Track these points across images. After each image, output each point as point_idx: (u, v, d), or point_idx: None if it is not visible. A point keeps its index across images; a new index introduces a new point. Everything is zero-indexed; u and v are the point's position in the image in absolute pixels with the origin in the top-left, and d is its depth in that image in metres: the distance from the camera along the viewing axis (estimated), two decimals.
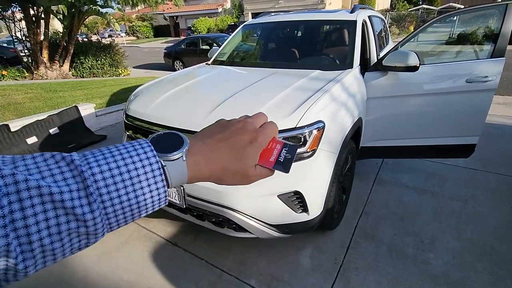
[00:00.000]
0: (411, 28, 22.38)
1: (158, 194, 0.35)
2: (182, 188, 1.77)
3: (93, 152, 0.34)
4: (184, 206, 1.83)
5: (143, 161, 0.34)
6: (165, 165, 0.36)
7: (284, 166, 0.43)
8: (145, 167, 0.34)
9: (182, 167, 0.37)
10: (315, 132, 1.66)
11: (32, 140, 3.70)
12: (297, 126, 1.61)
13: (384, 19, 4.15)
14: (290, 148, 0.45)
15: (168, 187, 0.37)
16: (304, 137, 1.64)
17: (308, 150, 1.66)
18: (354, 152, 2.30)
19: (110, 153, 0.34)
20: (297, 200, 1.70)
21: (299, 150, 1.64)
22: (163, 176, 0.35)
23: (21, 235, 0.27)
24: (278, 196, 1.66)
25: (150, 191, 0.34)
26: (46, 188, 0.28)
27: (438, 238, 2.11)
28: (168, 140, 0.39)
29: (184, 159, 0.37)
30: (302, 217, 1.74)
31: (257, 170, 0.43)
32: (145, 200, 0.34)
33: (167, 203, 0.38)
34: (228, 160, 0.41)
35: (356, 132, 2.19)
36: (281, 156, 0.44)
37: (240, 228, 1.75)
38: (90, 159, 0.32)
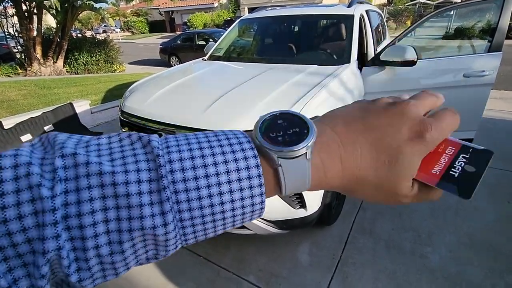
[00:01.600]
0: (408, 23, 22.36)
1: (252, 204, 0.25)
2: None
3: (176, 136, 0.26)
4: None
5: (236, 153, 0.25)
6: (279, 165, 0.25)
7: (461, 186, 0.26)
8: (238, 162, 0.24)
9: (304, 170, 0.25)
10: None
11: (26, 137, 3.65)
12: None
13: (381, 13, 4.13)
14: (475, 155, 0.27)
15: (280, 193, 0.27)
16: None
17: None
18: None
19: (196, 138, 0.25)
20: (295, 196, 1.70)
21: None
22: (262, 180, 0.25)
23: (76, 237, 0.20)
24: None
25: (242, 199, 0.24)
26: (109, 176, 0.21)
27: (435, 233, 2.12)
28: (284, 124, 0.27)
29: (309, 157, 0.25)
30: (300, 213, 1.74)
31: (414, 189, 0.27)
32: (233, 209, 0.24)
33: (261, 215, 0.26)
34: (370, 165, 0.26)
35: None
36: (455, 167, 0.26)
37: None
38: (171, 141, 0.25)
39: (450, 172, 0.26)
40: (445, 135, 0.27)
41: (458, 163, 0.26)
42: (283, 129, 0.27)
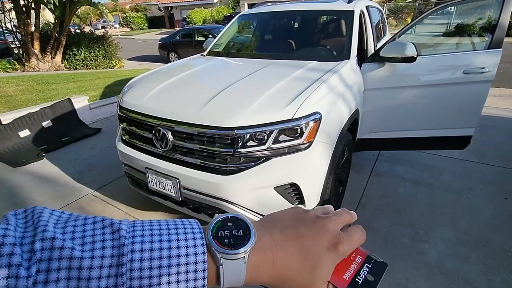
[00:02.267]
0: (409, 20, 22.26)
1: None
2: (177, 180, 1.75)
3: (143, 224, 0.30)
4: (180, 199, 1.82)
5: (189, 248, 0.29)
6: (221, 264, 0.30)
7: None
8: (189, 256, 0.28)
9: (240, 270, 0.30)
10: (311, 123, 1.64)
11: (24, 133, 3.64)
12: (293, 118, 1.60)
13: (382, 10, 4.10)
14: (376, 266, 0.33)
15: (219, 286, 0.31)
16: (301, 128, 1.62)
17: (305, 142, 1.65)
18: (351, 144, 2.30)
19: (159, 229, 0.29)
20: (293, 192, 1.70)
21: (295, 142, 1.63)
22: (205, 274, 0.29)
23: None
24: (274, 188, 1.65)
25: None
26: (77, 261, 0.25)
27: (433, 229, 2.13)
28: (231, 227, 0.33)
29: (246, 260, 0.30)
30: None
31: None
32: None
33: None
34: (296, 268, 0.32)
35: (353, 124, 2.18)
36: (360, 275, 0.33)
37: None
38: (137, 231, 0.29)
39: (356, 279, 0.32)
40: (354, 247, 0.35)
41: (362, 271, 0.33)
42: (230, 231, 0.32)
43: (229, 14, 23.87)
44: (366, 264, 0.34)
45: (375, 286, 0.31)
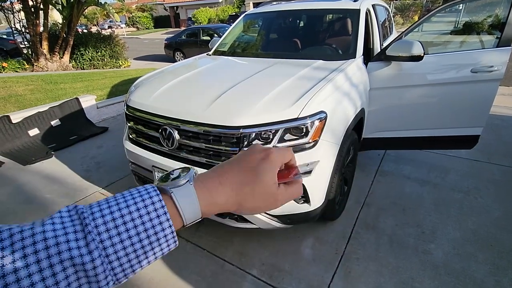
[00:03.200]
0: (416, 18, 21.98)
1: (165, 236, 0.32)
2: None
3: (99, 201, 0.33)
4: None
5: (146, 200, 0.32)
6: (172, 192, 0.34)
7: (300, 175, 0.43)
8: (148, 206, 0.32)
9: (191, 192, 0.35)
10: (317, 122, 1.65)
11: (34, 132, 3.71)
12: (299, 117, 1.60)
13: (388, 8, 4.07)
14: (307, 167, 0.45)
15: (183, 226, 0.35)
16: (306, 128, 1.62)
17: (310, 141, 1.65)
18: (356, 143, 2.29)
19: (115, 200, 0.33)
20: None
21: (300, 141, 1.63)
22: (167, 215, 0.33)
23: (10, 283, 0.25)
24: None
25: (155, 233, 0.32)
26: (40, 234, 0.27)
27: (439, 228, 2.12)
28: (175, 172, 0.39)
29: (191, 183, 0.36)
30: (304, 208, 1.75)
31: (282, 189, 0.40)
32: (150, 243, 0.32)
33: (176, 245, 0.35)
34: (242, 180, 0.38)
35: (358, 123, 2.17)
36: (298, 175, 0.43)
37: (241, 219, 1.76)
38: (94, 207, 0.32)
39: (295, 177, 0.43)
40: (284, 155, 0.42)
41: (299, 174, 0.43)
42: (178, 175, 0.38)
43: (234, 13, 23.88)
44: (301, 168, 0.44)
45: (311, 170, 0.46)
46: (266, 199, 0.39)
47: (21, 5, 7.23)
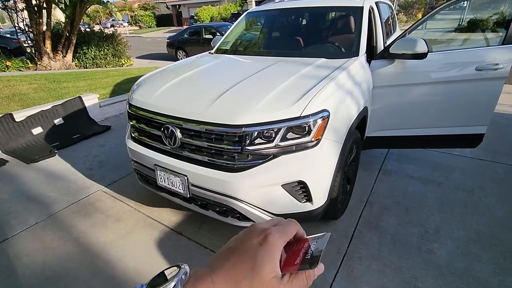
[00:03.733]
0: (419, 15, 21.80)
1: None
2: (186, 177, 1.77)
3: None
4: (188, 196, 1.84)
5: None
6: None
7: (311, 261, 0.35)
8: None
9: None
10: (319, 121, 1.64)
11: (37, 130, 3.73)
12: (301, 115, 1.59)
13: (392, 5, 4.03)
14: (320, 240, 0.38)
15: None
16: (309, 126, 1.61)
17: (313, 140, 1.64)
18: (359, 142, 2.28)
19: None
20: (301, 189, 1.69)
21: (303, 140, 1.62)
22: None
23: None
24: (282, 185, 1.65)
25: None
26: None
27: (443, 228, 2.10)
28: (167, 272, 0.35)
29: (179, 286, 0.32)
30: (306, 207, 1.74)
31: (284, 280, 0.34)
32: None
33: None
34: (237, 275, 0.33)
35: (361, 122, 2.16)
36: (308, 253, 0.36)
37: (244, 218, 1.76)
38: None
39: (305, 257, 0.35)
40: (287, 233, 0.37)
41: (309, 250, 0.36)
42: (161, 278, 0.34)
43: (236, 12, 23.80)
44: (312, 244, 0.37)
45: (321, 253, 0.35)
46: None
47: (24, 4, 7.26)
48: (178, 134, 1.77)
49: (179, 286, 0.32)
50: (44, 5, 7.43)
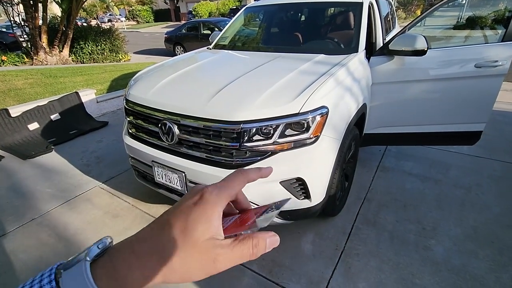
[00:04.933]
0: (418, 12, 21.77)
1: None
2: (183, 174, 1.76)
3: None
4: (186, 192, 1.83)
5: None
6: (60, 277, 0.27)
7: (261, 222, 0.30)
8: None
9: (81, 277, 0.26)
10: (318, 118, 1.63)
11: (33, 126, 3.69)
12: (300, 112, 1.58)
13: (391, 1, 4.01)
14: (277, 204, 0.34)
15: None
16: (307, 123, 1.60)
17: (311, 136, 1.63)
18: (358, 139, 2.27)
19: None
20: (299, 186, 1.69)
21: (301, 136, 1.62)
22: None
23: None
24: (280, 182, 1.65)
25: None
26: None
27: (440, 225, 2.11)
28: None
29: (89, 259, 0.27)
30: (304, 204, 1.74)
31: (225, 246, 0.28)
32: None
33: None
34: (165, 240, 0.28)
35: (360, 118, 2.15)
36: (261, 215, 0.31)
37: None
38: None
39: (259, 218, 0.31)
40: (228, 187, 0.32)
41: (264, 213, 0.32)
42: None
43: (235, 7, 23.65)
44: (270, 209, 0.33)
45: (273, 216, 0.31)
46: (200, 262, 0.28)
47: None
48: (176, 130, 1.75)
49: (89, 257, 0.27)
50: None
